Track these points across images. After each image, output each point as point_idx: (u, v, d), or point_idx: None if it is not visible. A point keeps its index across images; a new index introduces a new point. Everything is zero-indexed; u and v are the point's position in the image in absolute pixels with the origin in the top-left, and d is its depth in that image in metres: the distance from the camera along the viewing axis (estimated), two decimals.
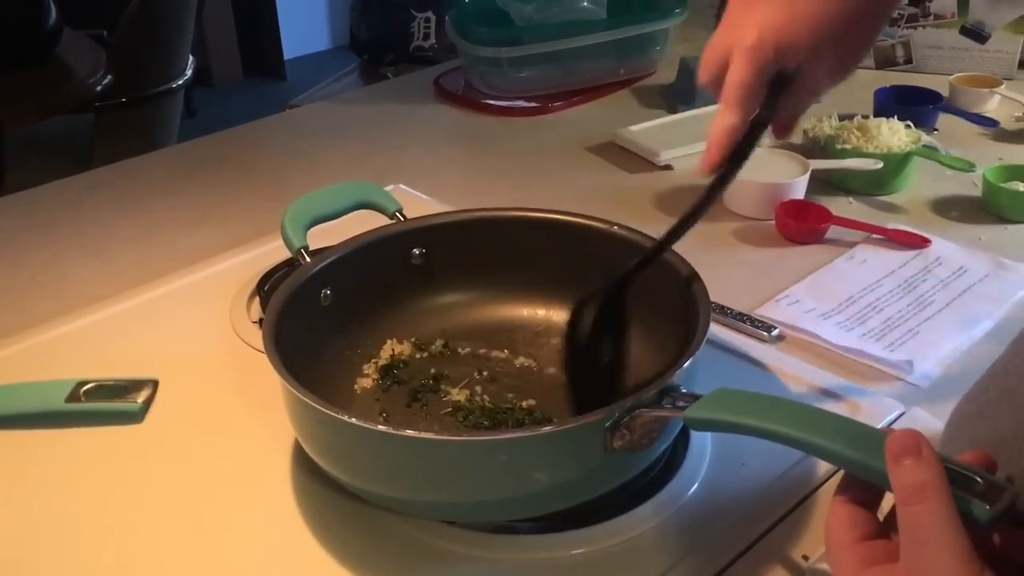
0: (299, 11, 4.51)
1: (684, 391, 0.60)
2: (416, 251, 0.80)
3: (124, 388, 0.76)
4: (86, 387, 0.75)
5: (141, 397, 0.75)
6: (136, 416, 0.74)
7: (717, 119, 0.64)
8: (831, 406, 0.76)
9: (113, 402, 0.74)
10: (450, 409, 0.73)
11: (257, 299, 0.92)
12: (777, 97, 0.65)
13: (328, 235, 0.78)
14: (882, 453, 0.43)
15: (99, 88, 2.14)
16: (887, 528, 0.45)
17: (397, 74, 2.16)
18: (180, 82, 2.43)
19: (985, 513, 0.41)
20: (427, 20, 2.24)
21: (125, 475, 0.71)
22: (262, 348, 0.64)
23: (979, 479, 0.42)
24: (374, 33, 2.32)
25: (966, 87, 1.34)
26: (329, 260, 0.75)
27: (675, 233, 0.70)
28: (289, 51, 4.47)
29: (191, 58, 2.48)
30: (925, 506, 0.40)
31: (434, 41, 2.26)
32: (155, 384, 0.77)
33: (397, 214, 0.80)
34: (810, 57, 0.63)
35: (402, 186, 1.14)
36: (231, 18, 4.29)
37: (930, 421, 0.75)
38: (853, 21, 0.63)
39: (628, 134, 1.26)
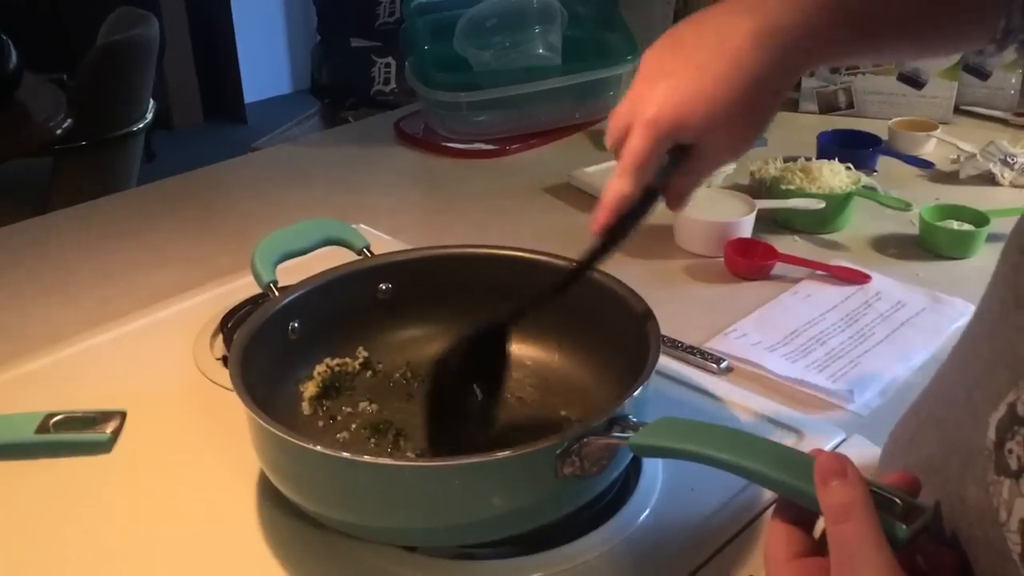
0: (260, 55, 4.54)
1: (633, 420, 0.63)
2: (383, 286, 0.82)
3: (93, 419, 0.77)
4: (55, 419, 0.76)
5: (110, 428, 0.77)
6: (105, 446, 0.76)
7: (612, 184, 0.65)
8: (778, 434, 0.79)
9: (82, 433, 0.76)
10: (410, 439, 0.75)
11: (220, 337, 0.93)
12: (672, 168, 0.68)
13: (293, 273, 0.80)
14: (812, 478, 0.46)
15: (59, 131, 2.15)
16: (822, 547, 0.47)
17: (358, 118, 2.20)
18: (140, 125, 2.44)
19: (903, 532, 0.44)
20: (387, 65, 2.29)
21: (94, 504, 0.73)
22: (226, 384, 0.66)
23: (898, 500, 0.45)
24: (335, 77, 2.36)
25: (904, 131, 1.40)
26: (297, 294, 0.77)
27: (542, 298, 0.72)
28: (250, 95, 4.50)
29: (152, 102, 2.50)
30: (851, 524, 0.42)
31: (394, 85, 2.30)
32: (123, 415, 0.79)
33: (364, 251, 0.83)
34: (705, 134, 0.65)
35: (363, 226, 1.17)
36: (191, 61, 4.31)
37: (870, 447, 0.78)
38: (748, 104, 0.65)
39: (583, 175, 1.30)
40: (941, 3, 0.65)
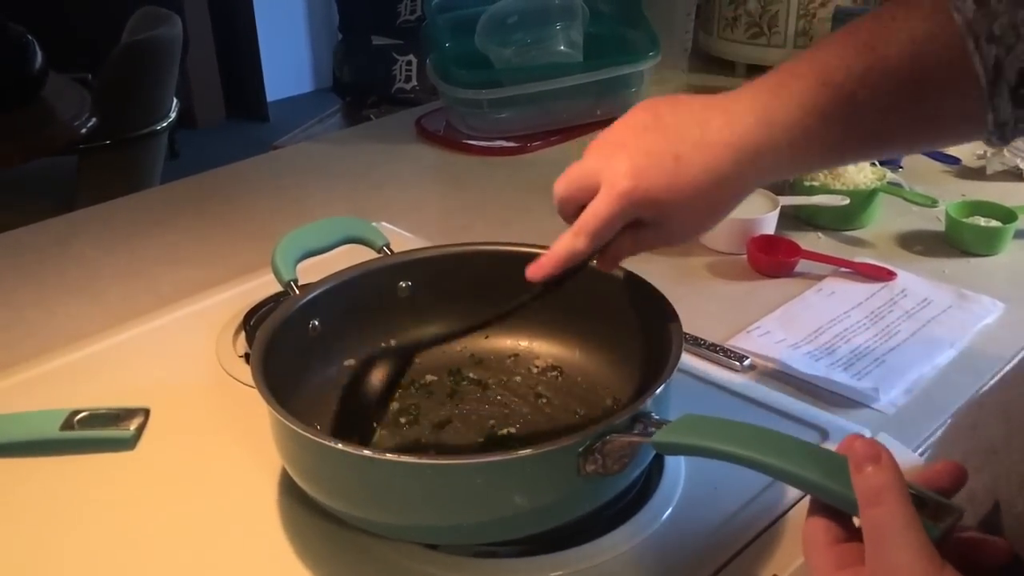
0: (282, 54, 4.56)
1: (656, 417, 0.62)
2: (403, 284, 0.82)
3: (117, 416, 0.78)
4: (80, 415, 0.77)
5: (134, 424, 0.77)
6: (129, 443, 0.76)
7: (566, 239, 0.67)
8: (800, 433, 0.78)
9: (106, 430, 0.76)
10: (430, 436, 0.75)
11: (243, 334, 0.94)
12: (619, 236, 0.69)
13: (315, 271, 0.80)
14: (841, 477, 0.46)
15: (84, 130, 2.16)
16: (860, 536, 0.47)
17: (379, 115, 2.20)
18: (164, 124, 2.46)
19: (935, 531, 0.44)
20: (409, 63, 2.29)
21: (119, 500, 0.73)
22: (249, 382, 0.66)
23: (928, 499, 0.45)
24: (357, 75, 2.36)
25: None
26: (318, 292, 0.77)
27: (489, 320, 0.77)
28: (272, 93, 4.52)
29: (175, 100, 2.51)
30: (884, 507, 0.43)
31: (416, 83, 2.30)
32: (147, 412, 0.79)
33: (384, 248, 0.83)
34: (669, 217, 0.67)
35: (384, 223, 1.17)
36: (214, 60, 4.34)
37: (896, 446, 0.77)
38: (711, 204, 0.68)
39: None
40: (919, 119, 0.65)
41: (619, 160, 0.66)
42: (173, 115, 2.49)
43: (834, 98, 0.63)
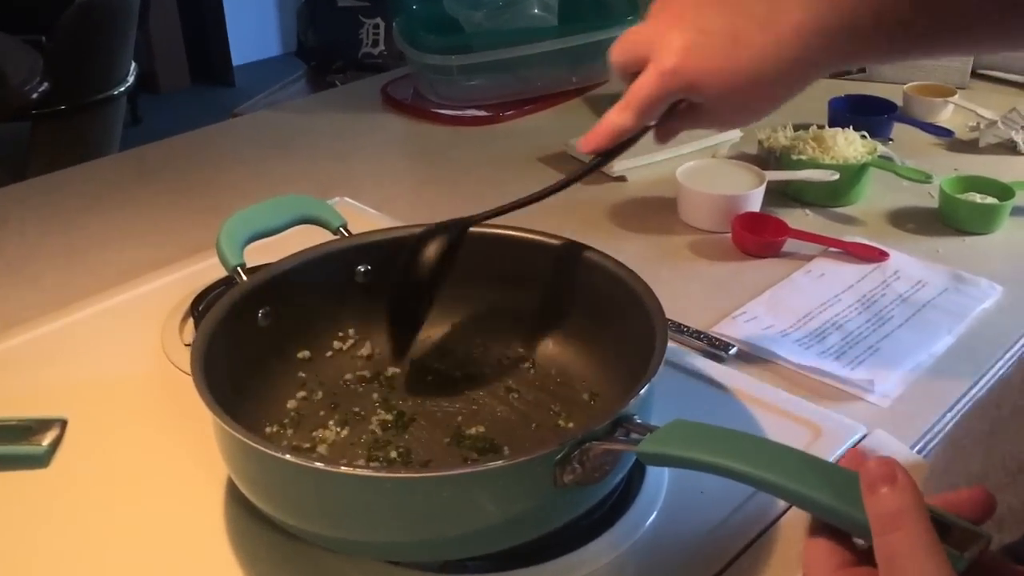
0: (248, 16, 4.44)
1: (638, 421, 0.57)
2: (361, 268, 0.76)
3: (28, 429, 0.70)
4: None
5: (47, 439, 0.69)
6: (41, 460, 0.68)
7: (614, 113, 0.64)
8: (792, 429, 0.73)
9: (15, 445, 0.68)
10: (392, 435, 0.69)
11: (191, 320, 0.87)
12: (672, 111, 0.66)
13: (264, 254, 0.73)
14: (849, 495, 0.41)
15: (35, 95, 2.07)
16: (867, 558, 0.42)
17: (345, 81, 2.12)
18: (122, 89, 2.36)
19: (960, 561, 0.39)
20: (376, 26, 2.20)
21: (29, 526, 0.65)
22: None
23: (952, 524, 0.40)
24: (322, 39, 2.27)
25: (920, 96, 1.33)
26: (266, 279, 0.70)
27: (514, 206, 0.72)
28: (238, 57, 4.39)
29: (133, 64, 2.41)
30: (902, 532, 0.38)
31: (383, 48, 2.22)
32: (63, 424, 0.71)
33: (341, 229, 0.76)
34: (718, 102, 0.63)
35: (347, 199, 1.10)
36: (177, 23, 4.21)
37: (893, 443, 0.72)
38: (770, 90, 0.63)
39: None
40: (1006, 7, 0.58)
41: (672, 33, 0.62)
42: (131, 79, 2.39)
43: None
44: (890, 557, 0.38)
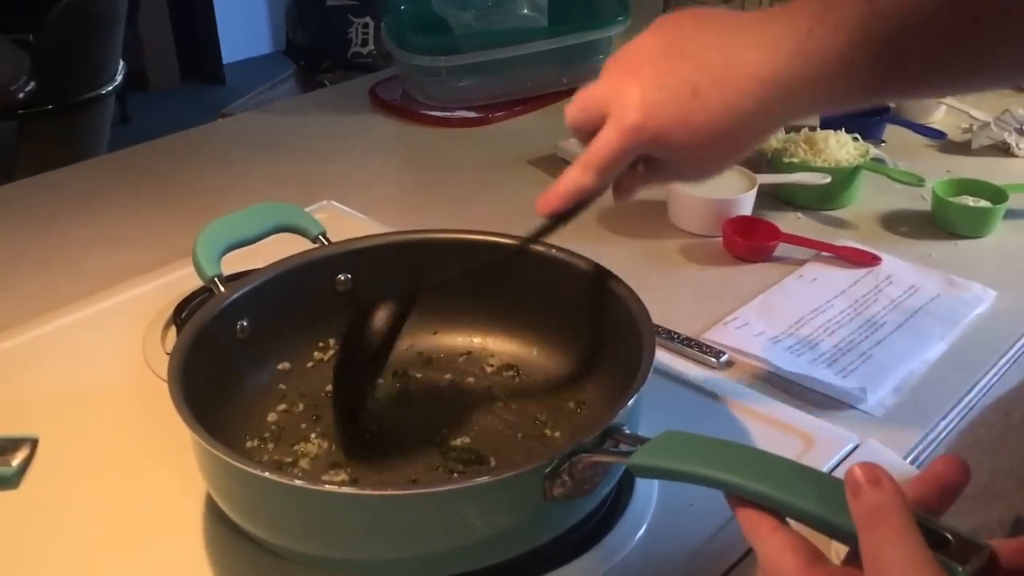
0: (238, 14, 4.41)
1: (627, 432, 0.56)
2: (341, 277, 0.74)
3: None
4: None
5: (16, 459, 0.67)
6: (10, 481, 0.66)
7: (573, 173, 0.62)
8: (784, 439, 0.72)
9: None
10: (375, 447, 0.68)
11: (174, 328, 0.85)
12: (631, 168, 0.64)
13: (243, 263, 0.72)
14: (842, 504, 0.40)
15: (22, 95, 2.06)
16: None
17: (335, 81, 2.09)
18: (110, 88, 2.33)
19: (959, 573, 0.38)
20: (365, 26, 2.18)
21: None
22: None
23: (951, 536, 0.39)
24: (310, 38, 2.25)
25: None
26: (244, 290, 0.69)
27: (468, 272, 0.69)
28: (228, 55, 4.37)
29: (122, 63, 2.39)
30: (883, 528, 0.37)
31: (373, 47, 2.20)
32: (34, 443, 0.69)
33: (320, 237, 0.74)
34: (682, 155, 0.61)
35: (333, 202, 1.09)
36: (167, 21, 4.18)
37: (886, 453, 0.71)
38: (730, 144, 0.61)
39: (571, 147, 1.21)
40: (971, 54, 0.57)
41: (631, 89, 0.60)
42: (119, 78, 2.37)
43: (884, 27, 0.55)
44: (874, 553, 0.38)
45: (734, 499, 0.45)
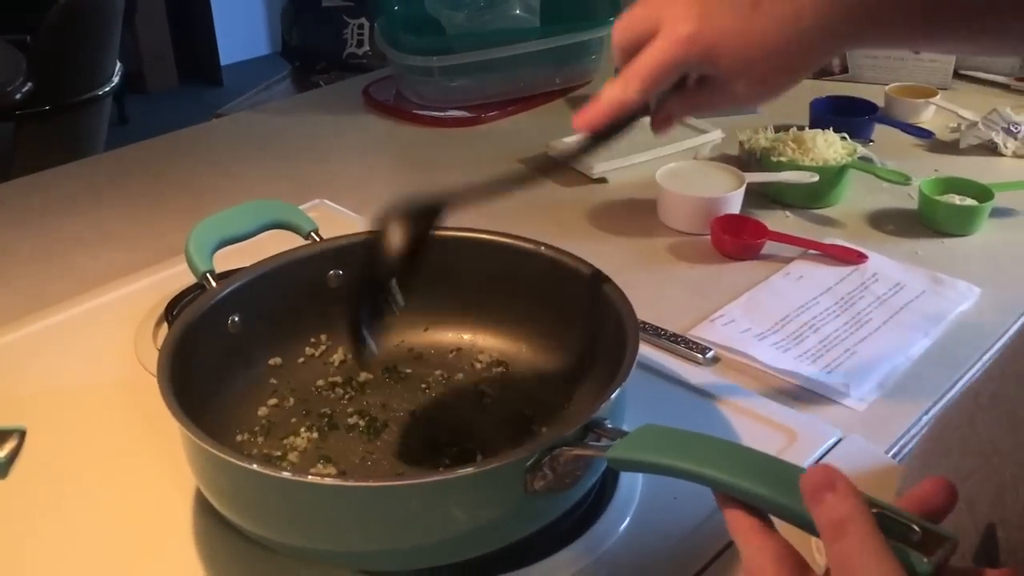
0: (235, 16, 4.42)
1: (610, 426, 0.57)
2: (332, 273, 0.75)
3: None
4: None
5: (3, 451, 0.68)
6: None
7: (615, 88, 0.60)
8: (767, 433, 0.73)
9: None
10: (364, 441, 0.69)
11: (165, 325, 0.86)
12: (674, 91, 0.62)
13: (235, 260, 0.73)
14: None
15: (18, 96, 2.06)
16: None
17: (330, 82, 2.10)
18: (107, 89, 2.34)
19: (924, 566, 0.38)
20: (360, 27, 2.19)
21: None
22: None
23: (916, 527, 0.40)
24: (306, 39, 2.26)
25: (902, 97, 1.33)
26: (236, 285, 0.70)
27: (501, 186, 0.68)
28: (226, 56, 4.38)
29: (119, 64, 2.40)
30: (848, 540, 0.38)
31: (368, 48, 2.21)
32: (21, 434, 0.70)
33: (312, 234, 0.75)
34: (735, 71, 0.59)
35: (326, 201, 1.09)
36: (165, 23, 4.19)
37: (867, 447, 0.72)
38: (786, 62, 0.59)
39: (562, 146, 1.22)
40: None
41: (685, 2, 0.58)
42: (116, 79, 2.38)
43: None
44: (841, 564, 0.38)
45: (722, 497, 0.45)
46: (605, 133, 0.62)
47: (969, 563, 0.44)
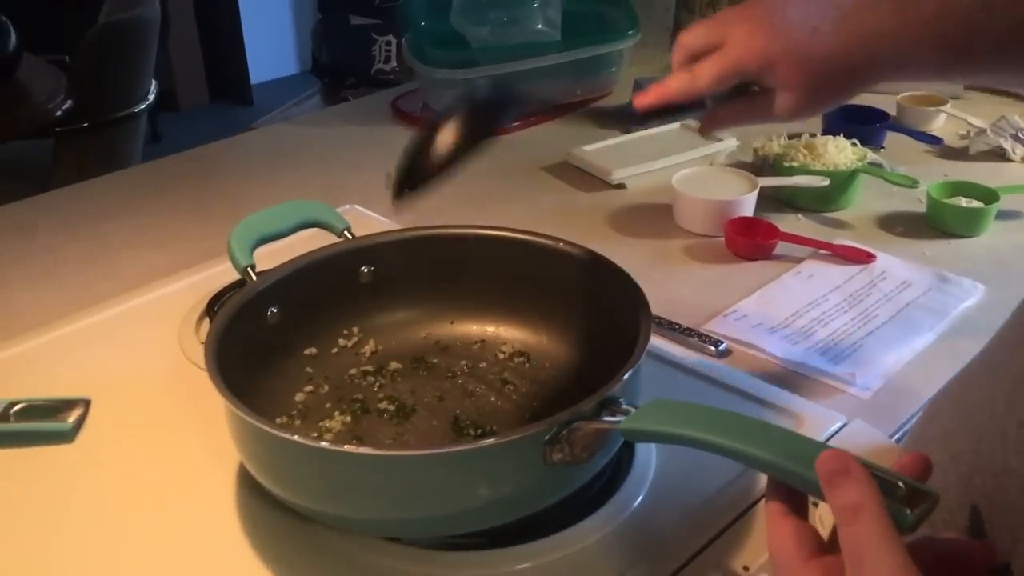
0: (265, 35, 4.50)
1: (623, 404, 0.60)
2: (364, 269, 0.80)
3: (55, 408, 0.75)
4: (16, 407, 0.75)
5: (72, 417, 0.75)
6: (67, 436, 0.74)
7: (683, 76, 0.67)
8: (775, 418, 0.77)
9: (43, 422, 0.74)
10: (394, 424, 0.73)
11: (207, 320, 0.91)
12: (727, 98, 0.69)
13: (275, 257, 0.78)
14: (812, 462, 0.44)
15: (59, 112, 2.13)
16: (831, 544, 0.46)
17: (358, 97, 2.17)
18: (142, 107, 2.41)
19: (908, 518, 0.42)
20: (388, 43, 2.25)
21: (57, 496, 0.71)
22: None
23: (902, 484, 0.43)
24: (335, 57, 2.33)
25: (913, 106, 1.36)
26: (276, 278, 0.75)
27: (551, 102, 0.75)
28: (256, 76, 4.46)
29: (154, 82, 2.47)
30: (861, 525, 0.41)
31: (395, 64, 2.27)
32: (87, 403, 0.77)
33: (345, 232, 0.80)
34: (793, 84, 0.66)
35: (357, 207, 1.15)
36: (196, 42, 4.28)
37: (871, 432, 0.76)
38: (834, 84, 0.66)
39: (582, 153, 1.27)
40: None
41: (754, 21, 0.66)
42: (152, 97, 2.45)
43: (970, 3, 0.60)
44: (852, 546, 0.41)
45: (772, 484, 0.48)
46: (659, 113, 0.70)
47: (952, 506, 0.47)
